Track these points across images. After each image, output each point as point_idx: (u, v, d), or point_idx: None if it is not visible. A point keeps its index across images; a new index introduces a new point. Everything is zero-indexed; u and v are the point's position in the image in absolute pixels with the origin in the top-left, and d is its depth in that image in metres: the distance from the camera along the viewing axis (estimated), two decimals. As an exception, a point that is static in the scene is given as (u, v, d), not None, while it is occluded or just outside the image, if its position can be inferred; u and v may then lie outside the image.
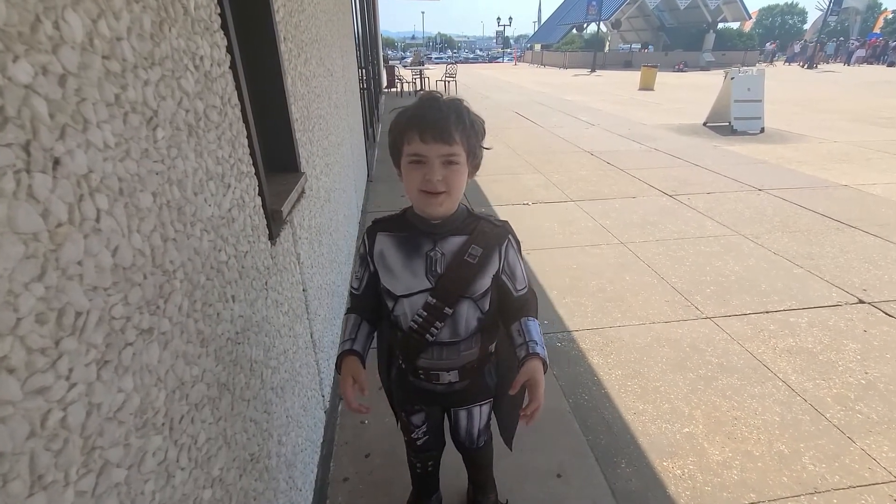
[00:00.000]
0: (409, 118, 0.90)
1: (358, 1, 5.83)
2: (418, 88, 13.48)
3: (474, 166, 0.96)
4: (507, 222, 1.05)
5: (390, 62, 19.82)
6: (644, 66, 16.54)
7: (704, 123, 8.69)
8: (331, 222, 2.21)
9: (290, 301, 1.37)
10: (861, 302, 2.78)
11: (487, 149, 0.99)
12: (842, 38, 40.98)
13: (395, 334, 1.09)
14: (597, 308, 2.77)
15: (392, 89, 15.29)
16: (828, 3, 29.85)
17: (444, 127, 0.87)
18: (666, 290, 2.95)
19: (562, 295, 2.91)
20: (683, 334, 2.50)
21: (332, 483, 1.66)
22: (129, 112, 0.58)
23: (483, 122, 0.96)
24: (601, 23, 34.40)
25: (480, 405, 1.24)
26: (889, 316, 2.64)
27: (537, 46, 46.60)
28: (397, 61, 25.94)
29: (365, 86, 5.97)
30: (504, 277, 1.04)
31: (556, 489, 1.63)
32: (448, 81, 13.56)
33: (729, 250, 3.51)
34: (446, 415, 1.33)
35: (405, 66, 22.67)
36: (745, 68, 8.75)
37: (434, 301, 1.00)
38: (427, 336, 1.03)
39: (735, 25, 40.67)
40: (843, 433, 1.86)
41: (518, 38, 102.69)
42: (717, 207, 4.41)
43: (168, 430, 0.64)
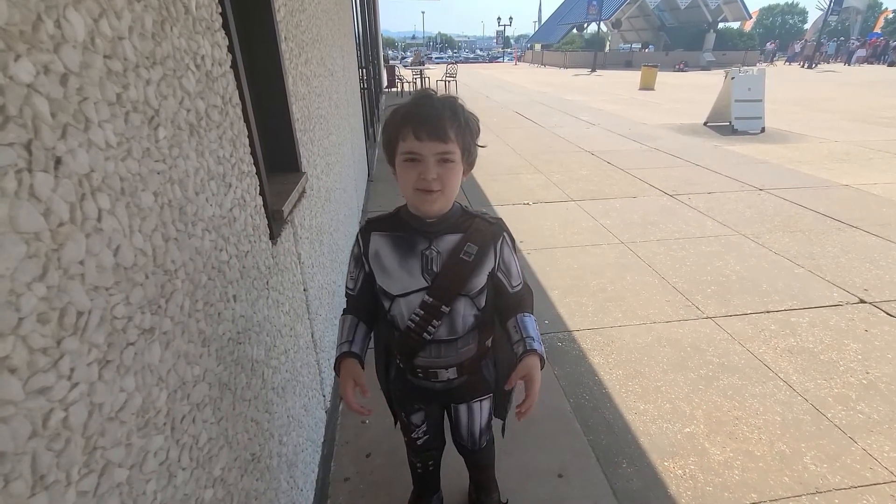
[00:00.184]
0: (403, 115, 0.90)
1: (358, 0, 5.83)
2: (419, 88, 13.46)
3: (469, 164, 0.96)
4: (501, 219, 1.05)
5: (391, 62, 19.83)
6: (644, 65, 16.53)
7: (705, 123, 8.68)
8: (332, 222, 2.21)
9: (290, 301, 1.36)
10: (862, 302, 2.78)
11: (482, 146, 0.98)
12: (842, 38, 40.96)
13: (393, 334, 1.09)
14: (598, 308, 2.76)
15: (392, 89, 15.30)
16: (828, 3, 29.83)
17: (438, 124, 0.87)
18: (667, 290, 2.95)
19: (563, 295, 2.91)
20: (684, 334, 2.50)
21: (333, 483, 1.66)
22: (130, 111, 0.58)
23: (477, 120, 0.95)
24: (601, 22, 34.38)
25: (480, 401, 1.23)
26: (890, 316, 2.63)
27: (538, 46, 46.60)
28: (397, 61, 25.94)
29: (365, 85, 5.97)
30: (500, 274, 1.05)
31: (557, 489, 1.63)
32: (448, 81, 13.54)
33: (730, 250, 3.51)
34: (447, 414, 1.33)
35: (406, 66, 22.69)
36: (745, 68, 8.74)
37: (431, 300, 0.99)
38: (424, 335, 1.03)
39: (735, 25, 40.66)
40: (844, 433, 1.86)
41: (518, 38, 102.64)
42: (717, 207, 4.41)
43: (170, 430, 0.64)
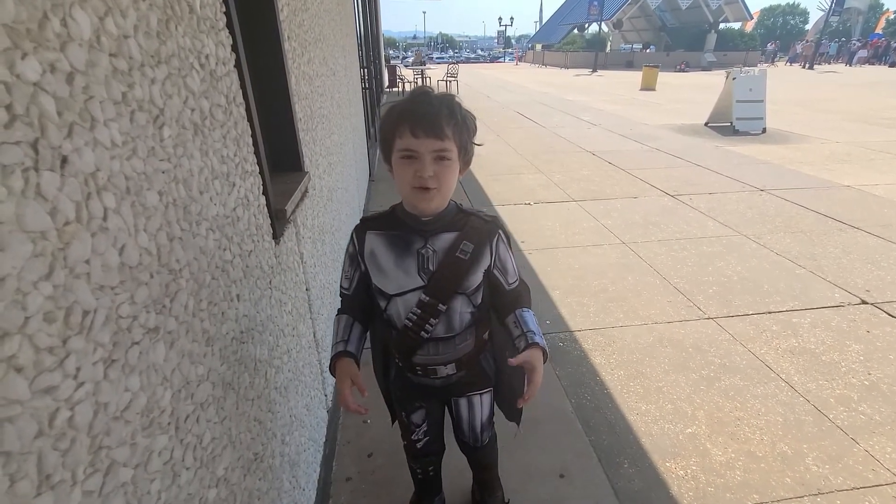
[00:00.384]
0: (399, 112, 0.89)
1: (360, 0, 5.83)
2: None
3: (465, 162, 0.96)
4: (496, 217, 1.05)
5: (392, 62, 19.83)
6: (645, 66, 16.53)
7: (706, 124, 8.67)
8: (334, 222, 2.20)
9: (293, 300, 1.36)
10: (864, 303, 2.78)
11: (479, 145, 0.98)
12: (844, 39, 40.92)
13: (390, 333, 1.08)
14: (599, 308, 2.76)
15: (394, 89, 15.29)
16: (829, 4, 29.78)
17: (435, 121, 0.86)
18: (668, 291, 2.94)
19: (564, 295, 2.91)
20: (686, 335, 2.50)
21: (335, 482, 1.66)
22: (135, 110, 0.58)
23: (474, 118, 0.95)
24: (603, 23, 34.37)
25: (481, 394, 1.22)
26: (892, 317, 2.63)
27: (539, 46, 46.62)
28: (399, 61, 25.96)
29: (367, 85, 5.97)
30: (496, 272, 1.05)
31: (558, 489, 1.62)
32: (449, 81, 13.55)
33: (731, 251, 3.51)
34: (448, 410, 1.32)
35: (407, 66, 22.70)
36: (746, 68, 8.74)
37: (428, 298, 0.99)
38: (422, 333, 1.03)
39: (736, 26, 40.60)
40: (846, 434, 1.85)
41: (519, 38, 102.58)
42: (719, 208, 4.40)
43: (174, 430, 0.64)
